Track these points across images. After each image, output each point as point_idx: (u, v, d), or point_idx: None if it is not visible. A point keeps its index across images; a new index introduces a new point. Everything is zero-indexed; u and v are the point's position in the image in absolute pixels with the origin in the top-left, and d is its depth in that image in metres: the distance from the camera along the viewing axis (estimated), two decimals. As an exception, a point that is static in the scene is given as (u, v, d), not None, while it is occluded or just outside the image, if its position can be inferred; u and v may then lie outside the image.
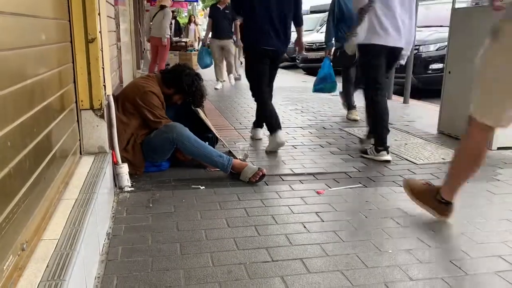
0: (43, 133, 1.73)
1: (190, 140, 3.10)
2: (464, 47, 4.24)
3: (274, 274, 1.90)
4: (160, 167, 3.27)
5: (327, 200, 2.75)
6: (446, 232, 2.34)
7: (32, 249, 1.47)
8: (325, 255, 2.07)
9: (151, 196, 2.77)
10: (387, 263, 2.01)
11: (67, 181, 2.11)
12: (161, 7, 8.59)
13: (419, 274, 1.92)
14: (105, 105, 2.66)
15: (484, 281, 1.88)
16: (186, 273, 1.89)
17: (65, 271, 1.36)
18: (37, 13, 1.77)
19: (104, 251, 2.08)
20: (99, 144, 2.61)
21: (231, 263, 1.98)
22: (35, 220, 1.56)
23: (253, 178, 3.00)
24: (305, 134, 4.55)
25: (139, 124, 3.22)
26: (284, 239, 2.22)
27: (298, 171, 3.31)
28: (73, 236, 1.59)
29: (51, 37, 1.99)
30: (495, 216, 2.55)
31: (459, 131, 4.34)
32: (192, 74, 3.42)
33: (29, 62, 1.63)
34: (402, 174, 3.28)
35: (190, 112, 3.56)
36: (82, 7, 2.42)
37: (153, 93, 3.23)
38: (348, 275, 1.90)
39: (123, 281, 1.83)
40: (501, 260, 2.05)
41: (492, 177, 3.22)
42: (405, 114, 5.63)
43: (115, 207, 2.59)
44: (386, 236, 2.28)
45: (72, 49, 2.43)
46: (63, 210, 1.81)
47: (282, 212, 2.55)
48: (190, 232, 2.28)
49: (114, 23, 4.39)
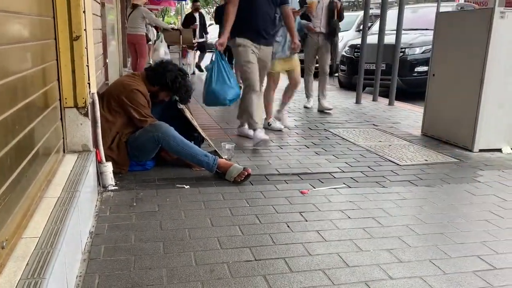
0: (25, 130, 1.72)
1: (175, 139, 3.10)
2: (448, 50, 4.31)
3: (257, 273, 1.91)
4: (145, 166, 3.26)
5: (311, 200, 2.77)
6: (426, 232, 2.38)
7: (12, 248, 1.46)
8: (308, 254, 2.09)
9: (135, 195, 2.77)
10: (368, 262, 2.03)
11: (49, 179, 2.09)
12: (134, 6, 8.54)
13: (399, 273, 1.95)
14: (90, 103, 2.64)
15: (463, 280, 1.91)
16: (169, 272, 1.90)
17: (45, 269, 1.36)
18: (20, 10, 1.76)
19: (87, 249, 2.07)
20: (83, 142, 2.60)
21: (214, 262, 1.99)
22: (16, 218, 1.55)
23: (238, 177, 3.01)
24: (291, 134, 4.58)
25: (124, 123, 3.20)
26: (268, 239, 2.23)
27: (283, 171, 3.33)
28: (55, 234, 1.59)
29: (34, 34, 1.97)
30: (474, 217, 2.59)
31: (442, 133, 4.41)
32: (175, 70, 3.40)
33: (11, 59, 1.62)
34: (386, 175, 3.32)
35: (176, 111, 3.56)
36: (67, 4, 2.40)
37: (139, 92, 3.22)
38: (330, 274, 1.92)
39: (105, 279, 1.82)
40: (479, 260, 2.09)
41: (472, 178, 3.28)
42: (390, 116, 5.69)
43: (98, 206, 2.58)
44: (367, 235, 2.31)
45: (57, 47, 2.41)
46: (45, 208, 1.80)
47: (266, 212, 2.57)
48: (174, 231, 2.28)
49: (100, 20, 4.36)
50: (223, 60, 3.93)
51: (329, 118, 5.49)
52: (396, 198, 2.86)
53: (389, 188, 3.03)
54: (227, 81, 3.84)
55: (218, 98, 3.83)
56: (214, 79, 3.83)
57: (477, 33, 3.92)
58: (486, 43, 3.82)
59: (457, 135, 4.21)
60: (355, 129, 4.88)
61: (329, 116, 5.60)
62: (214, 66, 3.87)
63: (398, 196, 2.89)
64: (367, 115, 5.70)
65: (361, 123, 5.20)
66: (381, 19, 6.61)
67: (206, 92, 3.88)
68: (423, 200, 2.83)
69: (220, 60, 3.89)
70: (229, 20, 3.87)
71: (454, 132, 4.22)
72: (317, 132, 4.73)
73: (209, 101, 3.94)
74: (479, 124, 3.97)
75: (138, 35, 8.49)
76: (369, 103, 6.69)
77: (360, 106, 6.43)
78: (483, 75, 3.88)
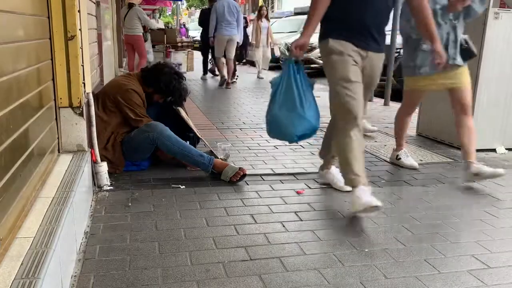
0: (19, 130, 1.71)
1: (171, 139, 3.09)
2: (442, 50, 4.32)
3: (252, 273, 1.91)
4: (140, 166, 3.25)
5: (306, 200, 2.78)
6: (421, 231, 2.39)
7: (7, 247, 1.46)
8: (303, 253, 2.09)
9: (131, 195, 2.76)
10: (363, 262, 2.04)
11: (44, 179, 2.08)
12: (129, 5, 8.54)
13: (394, 272, 1.96)
14: (85, 103, 2.64)
15: (457, 279, 1.92)
16: (164, 272, 1.89)
17: (40, 269, 1.35)
18: (14, 9, 1.75)
19: (82, 249, 2.06)
20: (77, 142, 2.59)
21: (209, 262, 1.99)
22: (10, 218, 1.55)
23: (234, 177, 3.01)
24: (287, 134, 4.58)
25: (119, 123, 3.20)
26: (263, 238, 2.24)
27: (279, 171, 3.33)
28: (49, 234, 1.58)
29: (29, 34, 1.97)
30: (469, 217, 2.61)
31: (437, 133, 4.43)
32: (170, 73, 3.39)
33: (6, 59, 1.61)
34: (381, 175, 3.33)
35: (172, 111, 3.55)
36: (62, 4, 2.39)
37: (135, 91, 3.21)
38: (325, 274, 1.92)
39: (100, 279, 1.82)
40: (474, 259, 2.10)
41: (467, 178, 3.29)
42: (385, 116, 5.70)
43: (93, 206, 2.57)
44: (363, 235, 2.31)
45: (51, 46, 2.41)
46: (40, 208, 1.79)
47: (262, 212, 2.57)
48: (169, 231, 2.28)
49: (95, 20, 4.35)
50: (299, 73, 2.63)
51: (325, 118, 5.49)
52: (391, 198, 2.87)
53: (384, 188, 3.04)
54: (298, 107, 2.58)
55: (280, 129, 2.67)
56: (279, 101, 2.63)
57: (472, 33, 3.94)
58: (481, 43, 3.84)
59: (452, 135, 4.22)
60: (350, 129, 4.88)
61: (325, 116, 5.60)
62: (283, 81, 2.63)
63: (393, 196, 2.90)
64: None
65: (356, 123, 5.20)
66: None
67: (267, 118, 2.75)
68: (418, 200, 2.84)
69: (294, 73, 2.61)
70: (319, 9, 2.54)
71: (449, 132, 4.23)
72: (312, 132, 4.73)
73: (272, 130, 2.75)
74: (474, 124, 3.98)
75: (135, 35, 8.48)
76: (364, 103, 6.70)
77: (355, 106, 6.44)
78: (477, 75, 3.90)
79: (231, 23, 8.23)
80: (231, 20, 8.21)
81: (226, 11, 8.14)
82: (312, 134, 2.69)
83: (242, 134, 4.51)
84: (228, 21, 8.19)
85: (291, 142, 2.82)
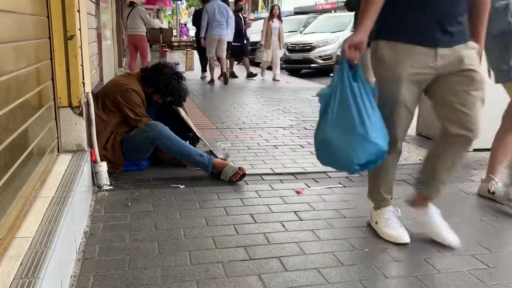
0: (19, 129, 1.71)
1: (170, 139, 3.09)
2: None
3: (252, 273, 1.91)
4: (140, 166, 3.25)
5: (306, 200, 2.77)
6: (421, 231, 2.38)
7: (6, 247, 1.45)
8: (303, 253, 2.09)
9: (130, 195, 2.76)
10: (363, 261, 2.04)
11: (43, 179, 2.08)
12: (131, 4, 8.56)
13: (394, 272, 1.96)
14: (84, 102, 2.64)
15: (456, 279, 1.92)
16: (164, 271, 1.89)
17: (39, 269, 1.35)
18: (14, 9, 1.75)
19: (81, 249, 2.06)
20: (77, 142, 2.59)
21: (209, 261, 1.99)
22: (10, 217, 1.54)
23: (234, 177, 3.01)
24: (286, 134, 4.58)
25: (119, 122, 3.19)
26: (263, 238, 2.24)
27: (279, 171, 3.33)
28: (49, 234, 1.58)
29: (28, 33, 1.97)
30: (469, 216, 2.61)
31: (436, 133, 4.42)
32: (170, 74, 3.39)
33: (5, 58, 1.61)
34: (381, 174, 3.33)
35: (171, 110, 3.55)
36: (61, 3, 2.39)
37: (134, 91, 3.21)
38: (325, 273, 1.92)
39: (100, 279, 1.82)
40: (474, 259, 2.10)
41: (467, 177, 3.29)
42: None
43: (93, 206, 2.57)
44: (362, 235, 2.31)
45: (51, 46, 2.41)
46: (39, 208, 1.79)
47: (262, 211, 2.57)
48: (169, 231, 2.28)
49: (95, 20, 4.35)
50: (356, 81, 1.99)
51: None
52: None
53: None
54: (358, 126, 1.95)
55: (335, 156, 2.08)
56: (331, 119, 2.03)
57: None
58: (480, 43, 3.83)
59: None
60: (350, 129, 4.88)
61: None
62: (334, 92, 2.02)
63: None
64: (362, 115, 5.70)
65: (356, 123, 5.20)
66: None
67: (316, 141, 2.22)
68: (417, 200, 2.83)
69: (349, 81, 1.98)
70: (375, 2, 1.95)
71: (449, 132, 4.23)
72: (312, 132, 4.70)
73: (324, 157, 2.20)
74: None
75: (138, 35, 8.50)
76: (364, 103, 6.70)
77: (355, 106, 6.43)
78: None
79: (221, 23, 8.61)
80: (222, 21, 8.60)
81: (217, 12, 8.54)
82: (379, 160, 2.03)
83: (241, 134, 4.51)
84: (219, 21, 8.57)
85: (352, 172, 2.23)
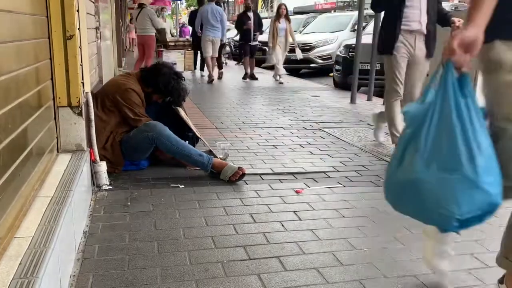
0: (18, 129, 1.71)
1: (170, 139, 3.09)
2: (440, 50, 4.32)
3: (251, 272, 1.91)
4: (139, 166, 3.25)
5: (305, 199, 2.77)
6: (420, 231, 2.38)
7: (5, 247, 1.46)
8: (302, 253, 2.09)
9: (130, 194, 2.76)
10: (362, 261, 2.04)
11: (43, 179, 2.08)
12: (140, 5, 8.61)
13: (393, 272, 1.96)
14: (84, 102, 2.64)
15: (456, 278, 1.92)
16: (163, 271, 1.89)
17: (38, 268, 1.35)
18: (13, 8, 1.75)
19: (80, 249, 2.06)
20: (76, 142, 2.59)
21: (208, 261, 1.99)
22: (9, 217, 1.55)
23: (233, 177, 3.01)
24: (286, 134, 4.58)
25: (118, 122, 3.19)
26: (262, 238, 2.24)
27: (278, 171, 3.33)
28: (48, 233, 1.58)
29: (28, 33, 1.97)
30: (468, 216, 2.60)
31: None
32: (169, 73, 3.38)
33: (4, 58, 1.61)
34: (380, 174, 3.33)
35: (171, 110, 3.55)
36: (60, 3, 2.39)
37: (134, 91, 3.21)
38: (324, 273, 1.92)
39: (99, 279, 1.82)
40: (473, 258, 2.10)
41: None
42: (384, 116, 5.70)
43: (92, 206, 2.57)
44: (362, 234, 2.31)
45: (50, 46, 2.40)
46: (39, 208, 1.79)
47: (261, 211, 2.57)
48: (168, 231, 2.28)
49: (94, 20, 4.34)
50: (466, 97, 1.45)
51: (324, 117, 5.50)
52: (390, 197, 2.86)
53: (383, 187, 3.03)
54: (466, 163, 1.41)
55: (425, 204, 1.52)
56: (424, 150, 1.47)
57: None
58: (480, 43, 3.83)
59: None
60: (349, 128, 4.89)
61: (324, 115, 5.61)
62: (432, 111, 1.47)
63: (392, 195, 2.89)
64: (362, 115, 5.71)
65: (355, 123, 5.21)
66: (376, 19, 6.62)
67: (393, 178, 1.67)
68: (417, 199, 2.83)
69: (456, 97, 1.45)
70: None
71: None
72: (311, 131, 4.73)
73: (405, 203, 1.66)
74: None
75: (146, 36, 8.59)
76: (363, 103, 6.71)
77: (354, 106, 6.45)
78: (476, 73, 3.90)
79: (215, 26, 9.19)
80: (215, 24, 9.17)
81: (210, 15, 9.11)
82: (487, 216, 1.51)
83: (241, 134, 4.51)
84: (212, 24, 9.16)
85: (447, 230, 1.67)
